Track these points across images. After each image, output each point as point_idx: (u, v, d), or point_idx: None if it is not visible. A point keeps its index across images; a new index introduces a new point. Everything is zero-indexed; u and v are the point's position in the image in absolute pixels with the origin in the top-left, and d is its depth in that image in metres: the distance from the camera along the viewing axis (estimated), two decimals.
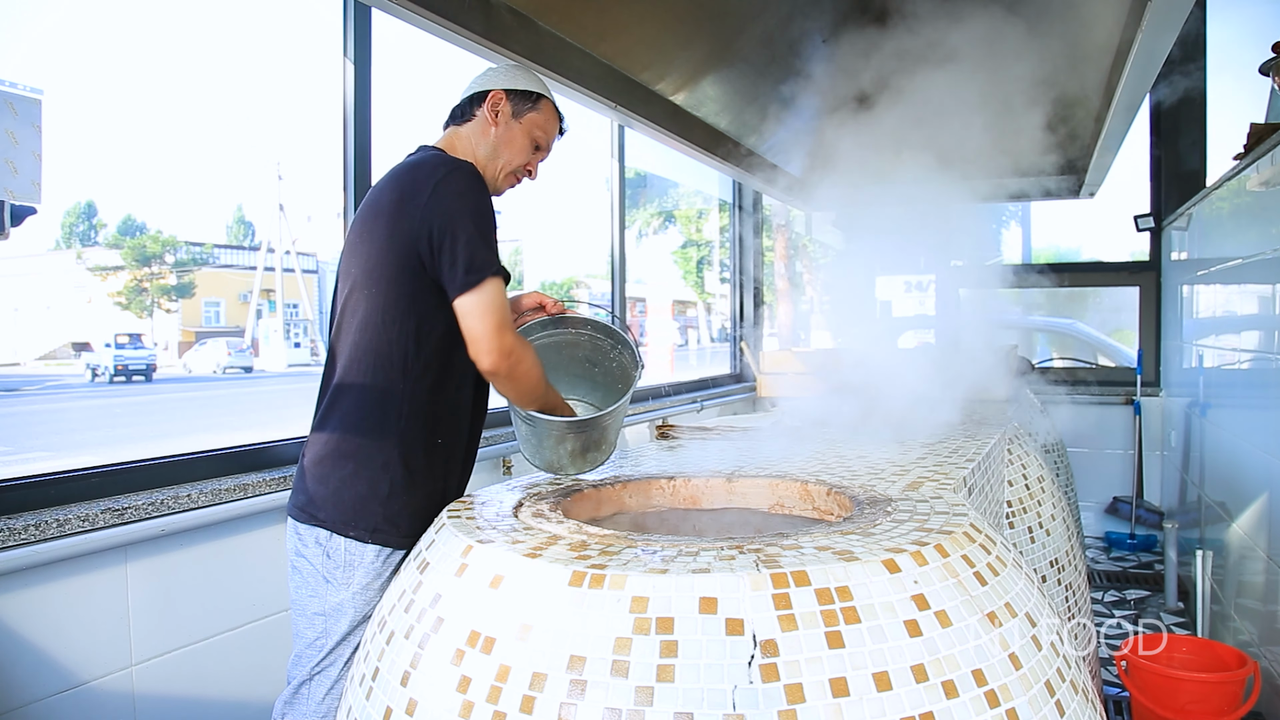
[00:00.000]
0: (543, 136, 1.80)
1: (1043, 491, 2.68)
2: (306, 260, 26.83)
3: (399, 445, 1.61)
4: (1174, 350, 4.88)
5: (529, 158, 1.80)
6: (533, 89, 1.77)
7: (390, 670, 1.26)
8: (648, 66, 2.98)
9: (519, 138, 1.76)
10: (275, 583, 2.14)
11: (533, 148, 1.80)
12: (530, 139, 1.78)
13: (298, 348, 24.29)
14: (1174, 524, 3.88)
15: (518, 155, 1.77)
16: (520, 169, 1.80)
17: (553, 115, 1.81)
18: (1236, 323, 3.73)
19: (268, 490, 2.11)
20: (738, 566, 1.16)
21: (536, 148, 1.81)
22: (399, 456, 1.61)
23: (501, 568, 1.24)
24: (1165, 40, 2.35)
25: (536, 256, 27.53)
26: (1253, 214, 3.33)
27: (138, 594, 1.86)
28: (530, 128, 1.77)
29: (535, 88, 1.78)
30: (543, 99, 1.79)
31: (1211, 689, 2.40)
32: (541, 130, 1.79)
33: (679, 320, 26.29)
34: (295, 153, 51.27)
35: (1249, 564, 3.11)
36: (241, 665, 2.06)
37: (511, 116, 1.75)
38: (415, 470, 1.63)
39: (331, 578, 1.60)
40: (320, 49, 47.91)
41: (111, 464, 1.94)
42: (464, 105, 1.78)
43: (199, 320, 25.87)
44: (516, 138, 1.75)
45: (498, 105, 1.74)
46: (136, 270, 24.92)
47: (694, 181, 15.41)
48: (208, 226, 48.66)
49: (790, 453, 2.21)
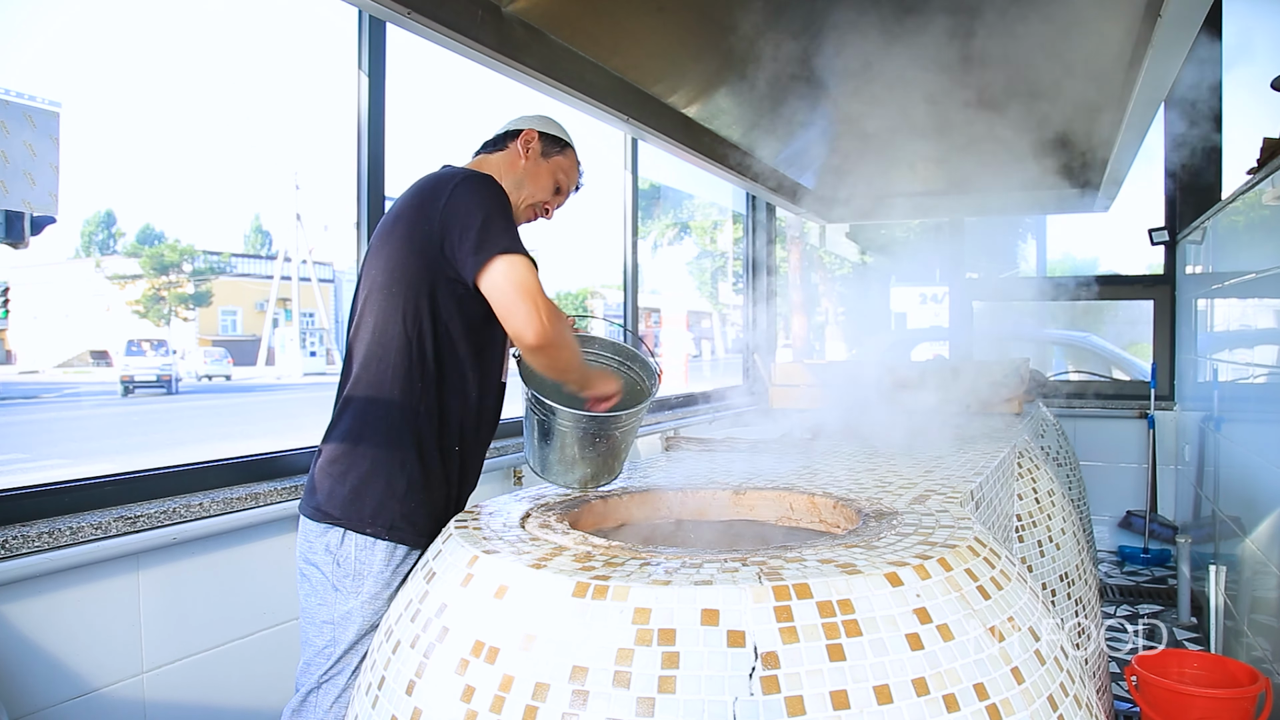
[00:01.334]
0: (564, 181, 1.91)
1: (1053, 505, 2.67)
2: (323, 270, 27.03)
3: (416, 445, 1.63)
4: (1188, 364, 4.85)
5: (549, 197, 1.90)
6: (563, 137, 1.90)
7: (396, 679, 1.27)
8: (660, 79, 3.00)
9: (544, 176, 1.87)
10: (285, 591, 2.16)
11: (554, 189, 1.90)
12: (553, 180, 1.88)
13: (313, 356, 24.44)
14: (1187, 539, 3.84)
15: (540, 191, 1.87)
16: (540, 205, 1.89)
17: (575, 165, 1.94)
18: (1251, 337, 3.70)
19: (279, 499, 2.12)
20: (740, 579, 1.16)
21: (557, 190, 1.91)
22: (416, 456, 1.63)
23: (506, 578, 1.25)
24: (1176, 56, 2.36)
25: (551, 267, 27.61)
26: (1268, 228, 3.31)
27: (149, 602, 1.88)
28: (555, 169, 1.88)
29: (565, 136, 1.91)
30: (569, 147, 1.91)
31: (1223, 705, 2.37)
32: (564, 174, 1.91)
33: (694, 331, 26.27)
34: (312, 163, 51.73)
35: (1263, 580, 3.08)
36: (251, 673, 2.08)
37: (540, 155, 1.86)
38: (432, 473, 1.66)
39: (341, 586, 1.62)
40: (336, 61, 48.38)
41: (124, 472, 1.97)
42: (499, 138, 1.89)
43: (216, 329, 26.09)
44: (542, 175, 1.86)
45: (530, 142, 1.85)
46: (154, 279, 25.17)
47: (708, 193, 15.45)
48: (225, 236, 49.16)
49: (798, 465, 2.22)
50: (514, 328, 1.57)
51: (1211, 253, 4.32)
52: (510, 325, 1.58)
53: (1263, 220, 3.32)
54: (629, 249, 4.15)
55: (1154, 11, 2.09)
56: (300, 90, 49.55)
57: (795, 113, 3.85)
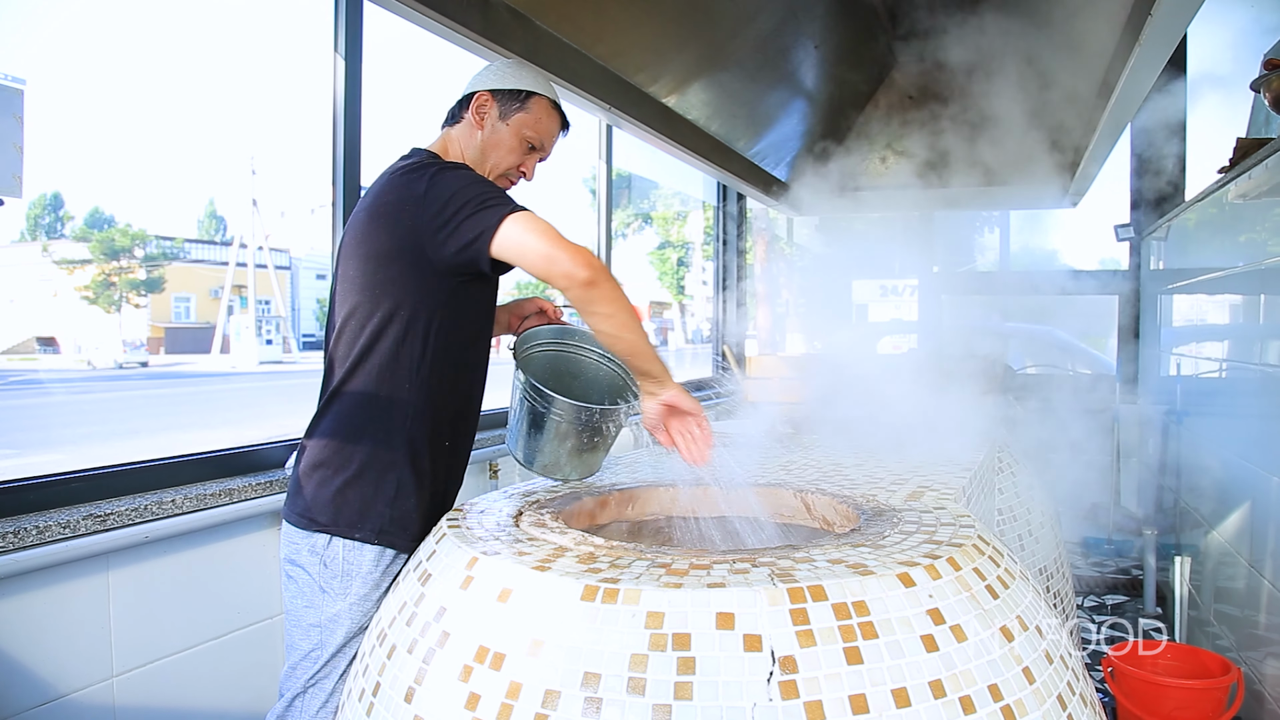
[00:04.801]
0: (536, 135, 1.71)
1: (1032, 499, 2.69)
2: (280, 256, 26.56)
3: (407, 447, 1.58)
4: (1152, 359, 4.94)
5: (521, 159, 1.72)
6: (523, 87, 1.69)
7: (393, 685, 1.22)
8: (642, 68, 2.96)
9: (508, 139, 1.68)
10: (262, 590, 2.09)
11: (526, 149, 1.72)
12: (520, 140, 1.70)
13: (269, 344, 24.00)
14: (1153, 531, 3.92)
15: (506, 157, 1.70)
16: (512, 170, 1.73)
17: (547, 113, 1.72)
18: (1214, 332, 3.78)
19: (254, 495, 2.06)
20: (753, 581, 1.14)
21: (531, 148, 1.73)
22: (407, 459, 1.58)
23: (509, 581, 1.21)
24: (1156, 63, 2.37)
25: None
26: (1231, 227, 3.37)
27: (120, 603, 1.81)
28: (520, 128, 1.69)
29: (527, 85, 1.69)
30: (534, 97, 1.70)
31: (1197, 695, 2.41)
32: (534, 129, 1.70)
33: (655, 322, 26.28)
34: (270, 147, 50.70)
35: (1227, 570, 3.15)
36: (226, 675, 2.02)
37: (498, 119, 1.68)
38: (422, 473, 1.60)
39: (328, 588, 1.56)
40: (297, 42, 47.37)
41: (93, 468, 1.89)
42: (455, 107, 1.73)
43: (169, 316, 25.51)
44: (504, 140, 1.68)
45: (483, 108, 1.68)
46: (105, 264, 24.51)
47: (675, 183, 15.40)
48: (179, 221, 48.03)
49: (785, 460, 2.20)
50: (563, 269, 1.42)
51: (1176, 250, 4.40)
52: (557, 269, 1.42)
53: (1227, 219, 3.38)
54: (603, 238, 4.10)
55: (1141, 15, 2.10)
56: (258, 72, 48.47)
57: (772, 106, 3.84)
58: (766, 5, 3.16)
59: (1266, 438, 2.77)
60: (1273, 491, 2.61)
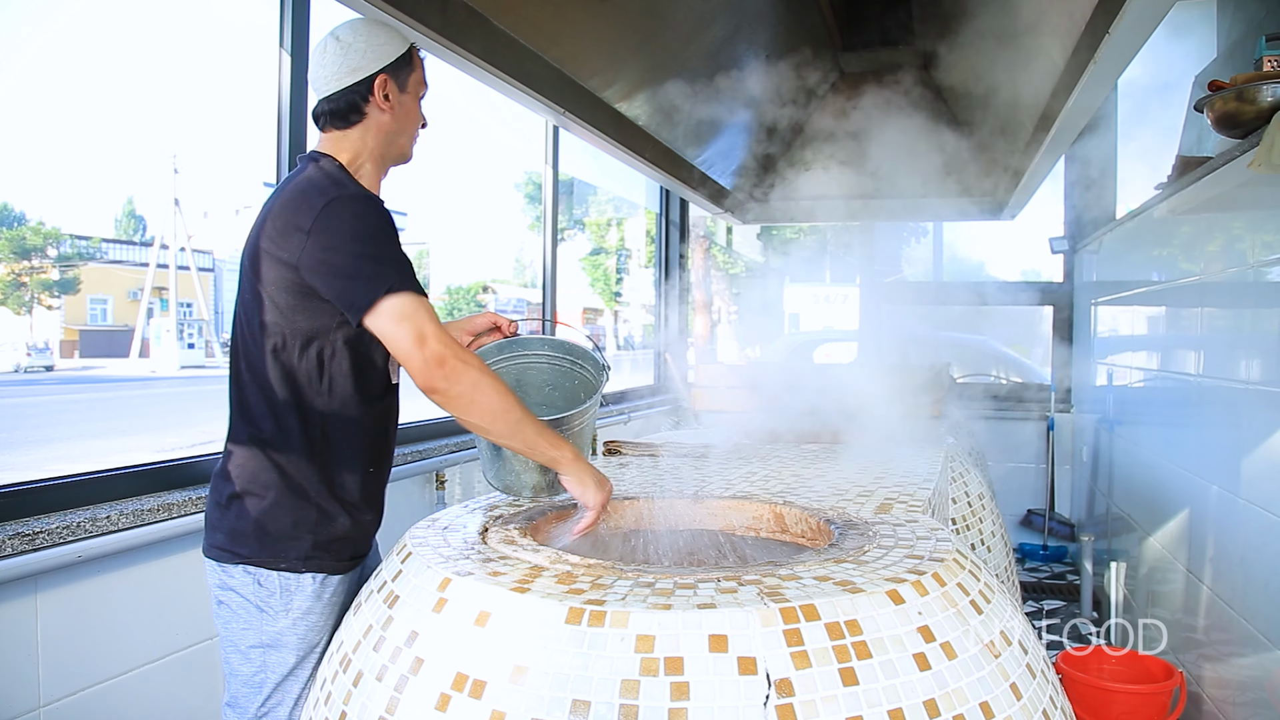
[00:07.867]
0: (423, 87, 1.66)
1: (983, 508, 2.73)
2: (202, 258, 25.70)
3: (320, 471, 1.49)
4: (1085, 369, 5.08)
5: (420, 114, 1.66)
6: (404, 48, 1.59)
7: (361, 715, 1.16)
8: (596, 73, 2.92)
9: (411, 106, 1.62)
10: (205, 608, 1.98)
11: (420, 102, 1.66)
12: (418, 98, 1.64)
13: (191, 348, 23.18)
14: (1090, 537, 4.02)
15: (414, 120, 1.64)
16: (419, 128, 1.67)
17: (414, 56, 1.63)
18: (1144, 342, 3.90)
19: (195, 510, 1.95)
20: (744, 600, 1.10)
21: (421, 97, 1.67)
22: (320, 480, 1.49)
23: (486, 603, 1.15)
24: (1107, 82, 2.43)
25: (443, 261, 27.03)
26: (1163, 242, 3.48)
27: (49, 628, 1.69)
28: (415, 89, 1.62)
29: (401, 45, 1.59)
30: (408, 50, 1.61)
31: (1143, 700, 2.47)
32: (423, 81, 1.65)
33: (589, 328, 26.19)
34: (192, 145, 49.08)
35: (1161, 574, 3.24)
36: (166, 700, 1.90)
37: (400, 92, 1.59)
38: (343, 493, 1.51)
39: (267, 606, 1.48)
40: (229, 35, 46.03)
41: (19, 483, 1.76)
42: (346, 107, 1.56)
43: (84, 318, 24.45)
44: (410, 108, 1.62)
45: (386, 87, 1.56)
46: (14, 263, 23.36)
47: (614, 188, 15.34)
48: (95, 219, 46.14)
49: (747, 471, 2.18)
50: (414, 367, 1.40)
51: (1109, 263, 4.54)
52: (410, 367, 1.41)
53: (1159, 234, 3.49)
54: (549, 244, 4.05)
55: (1095, 38, 2.14)
56: (183, 66, 46.79)
57: (720, 113, 3.83)
58: (720, 14, 3.16)
59: (1202, 446, 2.86)
60: (1210, 498, 2.69)
